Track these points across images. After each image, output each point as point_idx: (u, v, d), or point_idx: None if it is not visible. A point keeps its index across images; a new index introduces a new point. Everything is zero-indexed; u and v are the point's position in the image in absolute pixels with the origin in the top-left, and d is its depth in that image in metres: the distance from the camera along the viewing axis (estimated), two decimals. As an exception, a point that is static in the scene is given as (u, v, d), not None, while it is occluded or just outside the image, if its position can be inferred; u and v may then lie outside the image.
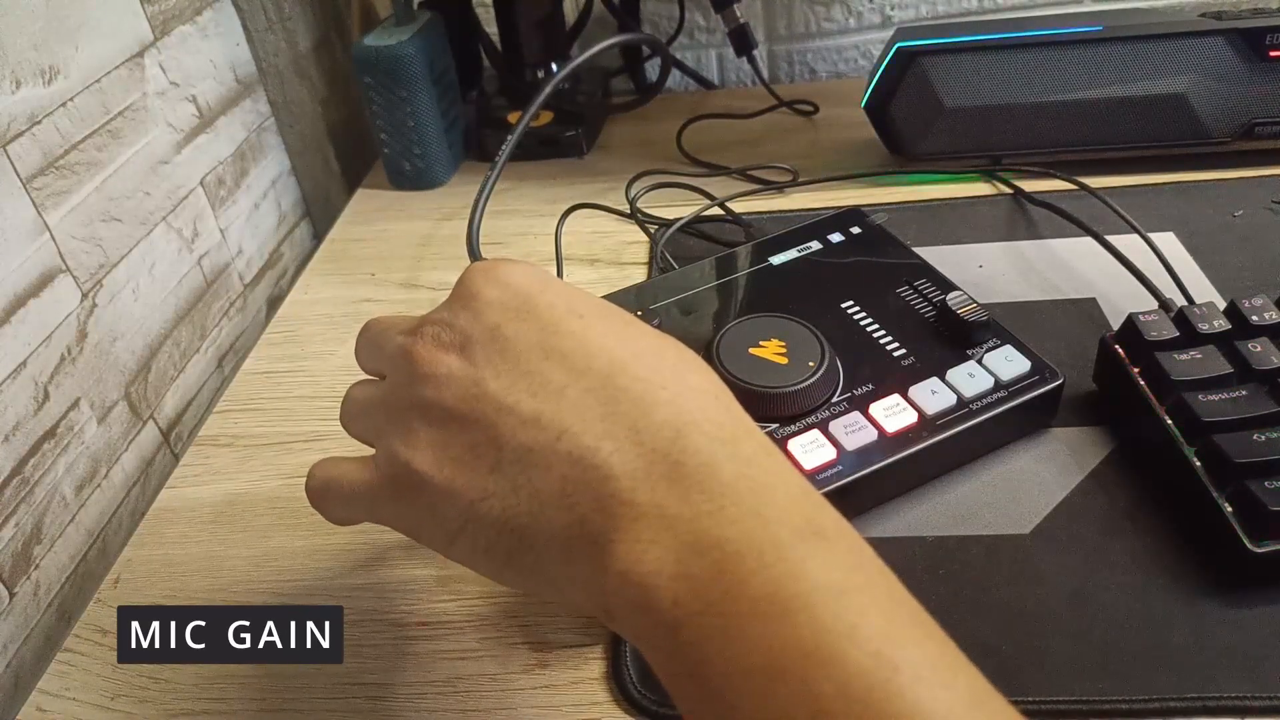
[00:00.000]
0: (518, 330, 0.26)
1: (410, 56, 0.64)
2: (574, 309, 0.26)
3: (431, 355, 0.26)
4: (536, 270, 0.28)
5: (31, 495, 0.44)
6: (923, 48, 0.58)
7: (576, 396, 0.25)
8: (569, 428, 0.24)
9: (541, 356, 0.25)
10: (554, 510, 0.24)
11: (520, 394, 0.25)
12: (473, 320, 0.27)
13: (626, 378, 0.25)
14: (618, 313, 0.27)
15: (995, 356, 0.40)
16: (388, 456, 0.27)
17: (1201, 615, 0.33)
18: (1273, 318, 0.39)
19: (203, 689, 0.35)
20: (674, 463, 0.23)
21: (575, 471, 0.24)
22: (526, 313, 0.26)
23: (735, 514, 0.22)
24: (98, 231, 0.50)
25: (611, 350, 0.25)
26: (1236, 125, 0.57)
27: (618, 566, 0.23)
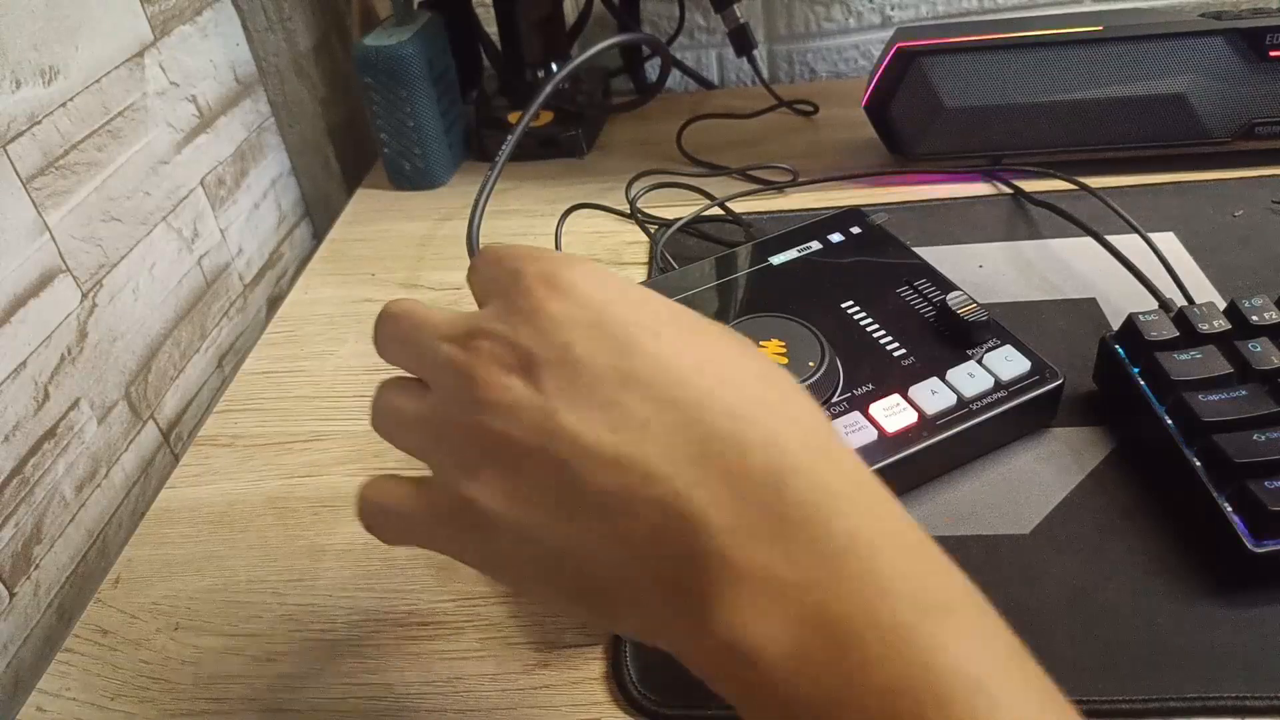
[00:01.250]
0: (590, 352, 0.23)
1: (410, 56, 0.64)
2: (651, 325, 0.24)
3: (493, 377, 0.23)
4: (602, 275, 0.25)
5: (31, 495, 0.44)
6: (923, 48, 0.58)
7: (662, 434, 0.22)
8: (655, 471, 0.22)
9: (619, 384, 0.23)
10: (641, 561, 0.22)
11: (599, 429, 0.22)
12: (537, 337, 0.23)
13: (716, 411, 0.22)
14: (698, 327, 0.24)
15: (995, 356, 0.40)
16: (448, 489, 0.24)
17: (1201, 615, 0.33)
18: (1273, 318, 0.39)
19: (203, 689, 0.35)
20: (778, 517, 0.21)
21: (665, 521, 0.21)
22: (598, 330, 0.23)
23: (853, 585, 0.20)
24: (98, 231, 0.50)
25: (697, 377, 0.23)
26: (1236, 125, 0.57)
27: (720, 633, 0.21)
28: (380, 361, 0.53)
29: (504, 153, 0.58)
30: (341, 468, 0.45)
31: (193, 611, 0.38)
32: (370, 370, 0.51)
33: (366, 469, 0.44)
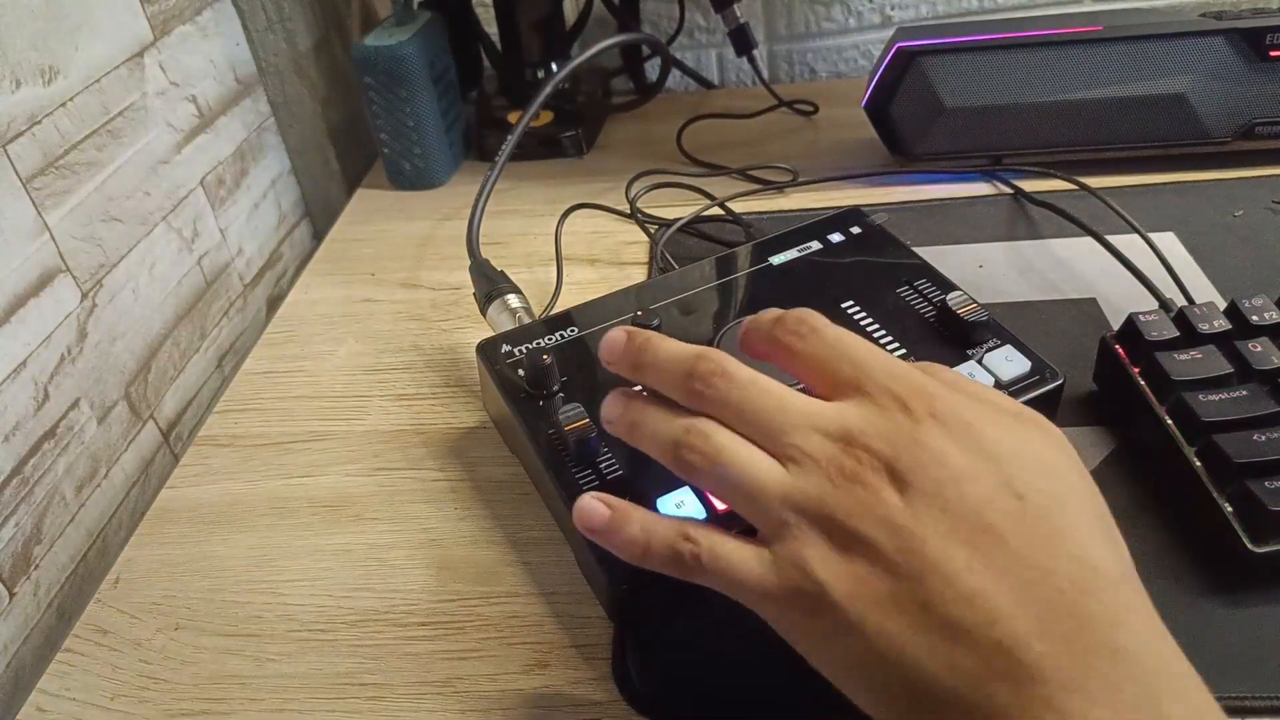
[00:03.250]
0: (961, 494, 0.25)
1: (410, 56, 0.64)
2: (1014, 483, 0.25)
3: (872, 487, 0.26)
4: (993, 432, 0.26)
5: (31, 495, 0.44)
6: (923, 48, 0.58)
7: (1017, 585, 0.24)
8: (1004, 616, 0.23)
9: (981, 528, 0.25)
10: (968, 690, 0.23)
11: (959, 564, 0.24)
12: (917, 466, 0.26)
13: (1066, 582, 0.24)
14: (1057, 491, 0.26)
15: (995, 356, 0.40)
16: (797, 567, 0.26)
17: (1201, 615, 0.33)
18: (1273, 318, 0.39)
19: (203, 689, 0.35)
20: (1103, 675, 0.23)
21: (1001, 662, 0.23)
22: (968, 477, 0.25)
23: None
24: (98, 231, 0.50)
25: (1053, 544, 0.24)
26: (1236, 125, 0.57)
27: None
28: (381, 361, 0.53)
29: (504, 153, 0.58)
30: (341, 468, 0.45)
31: (193, 611, 0.38)
32: (370, 370, 0.51)
33: (366, 469, 0.44)
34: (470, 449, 0.45)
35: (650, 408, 0.31)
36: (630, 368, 0.32)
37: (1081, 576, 0.24)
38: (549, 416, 0.39)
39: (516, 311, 0.47)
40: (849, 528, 0.25)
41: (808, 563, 0.26)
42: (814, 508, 0.26)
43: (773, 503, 0.27)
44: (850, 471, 0.26)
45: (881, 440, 0.26)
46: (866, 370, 0.28)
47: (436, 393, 0.49)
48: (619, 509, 0.30)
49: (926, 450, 0.26)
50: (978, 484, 0.25)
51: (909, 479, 0.25)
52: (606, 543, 0.30)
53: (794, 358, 0.30)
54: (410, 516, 0.42)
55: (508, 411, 0.41)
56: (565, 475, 0.37)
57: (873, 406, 0.27)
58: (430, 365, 0.51)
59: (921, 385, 0.27)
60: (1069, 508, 0.25)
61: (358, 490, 0.43)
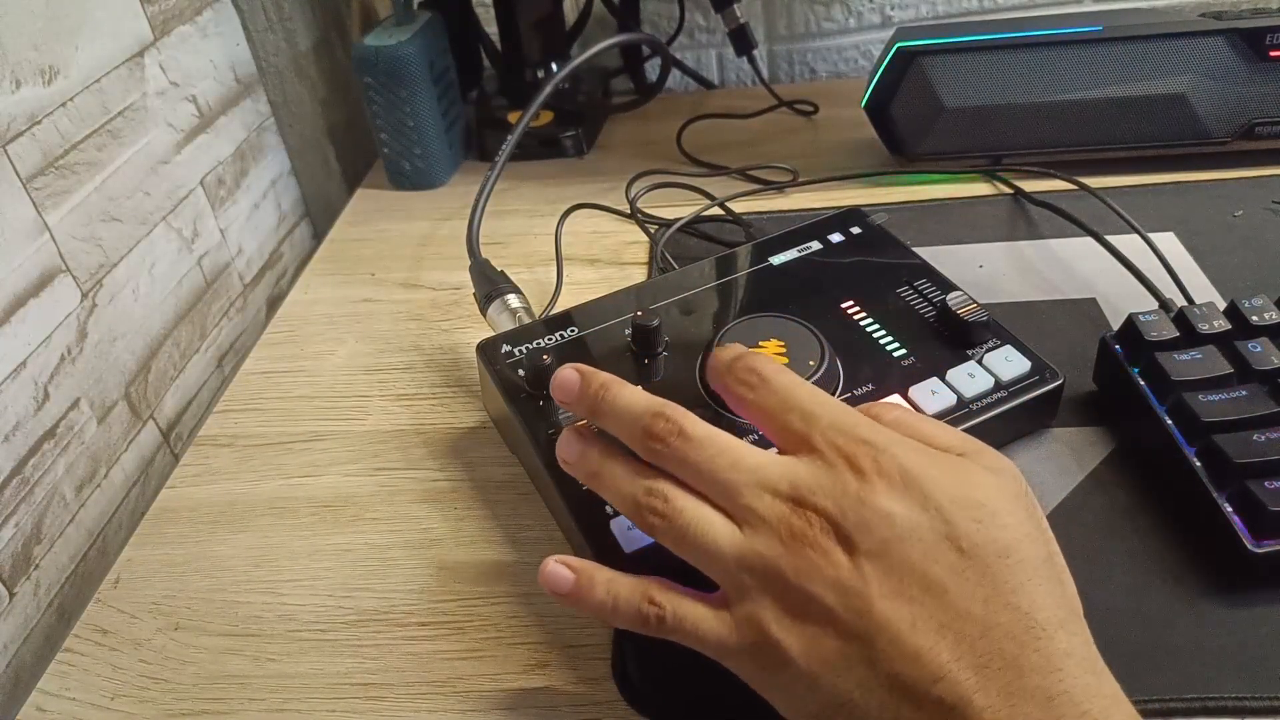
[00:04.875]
0: (905, 552, 0.26)
1: (410, 56, 0.64)
2: (957, 537, 0.26)
3: (821, 549, 0.27)
4: (938, 480, 0.27)
5: (31, 495, 0.44)
6: (923, 48, 0.58)
7: (955, 641, 0.25)
8: (946, 672, 0.25)
9: (925, 586, 0.26)
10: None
11: (904, 623, 0.25)
12: (863, 526, 0.26)
13: (1003, 634, 0.25)
14: (999, 538, 0.26)
15: (995, 356, 0.40)
16: (757, 627, 0.27)
17: (1201, 615, 0.33)
18: (1273, 318, 0.39)
19: (203, 689, 0.35)
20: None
21: (944, 717, 0.24)
22: (912, 535, 0.26)
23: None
24: (98, 231, 0.50)
25: (988, 597, 0.25)
26: (1236, 125, 0.57)
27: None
28: (381, 361, 0.53)
29: (504, 153, 0.58)
30: (341, 468, 0.45)
31: (193, 611, 0.38)
32: (370, 370, 0.51)
33: (366, 469, 0.44)
34: (470, 449, 0.45)
35: (609, 461, 0.32)
36: (588, 412, 0.33)
37: (1020, 627, 0.25)
38: (549, 416, 0.39)
39: (516, 311, 0.47)
40: (801, 589, 0.26)
41: (764, 622, 0.27)
42: (767, 569, 0.27)
43: (729, 564, 0.28)
44: (800, 532, 0.27)
45: (829, 500, 0.27)
46: (814, 423, 0.29)
47: (436, 393, 0.49)
48: (582, 572, 0.31)
49: (872, 509, 0.27)
50: (921, 541, 0.26)
51: (855, 539, 0.26)
52: (573, 605, 0.31)
53: (744, 406, 0.31)
54: (410, 516, 0.42)
55: (508, 411, 0.41)
56: (565, 475, 0.37)
57: (821, 463, 0.28)
58: (430, 365, 0.51)
59: (867, 438, 0.28)
60: (1011, 555, 0.26)
61: (358, 490, 0.43)
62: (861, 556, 0.26)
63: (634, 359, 0.42)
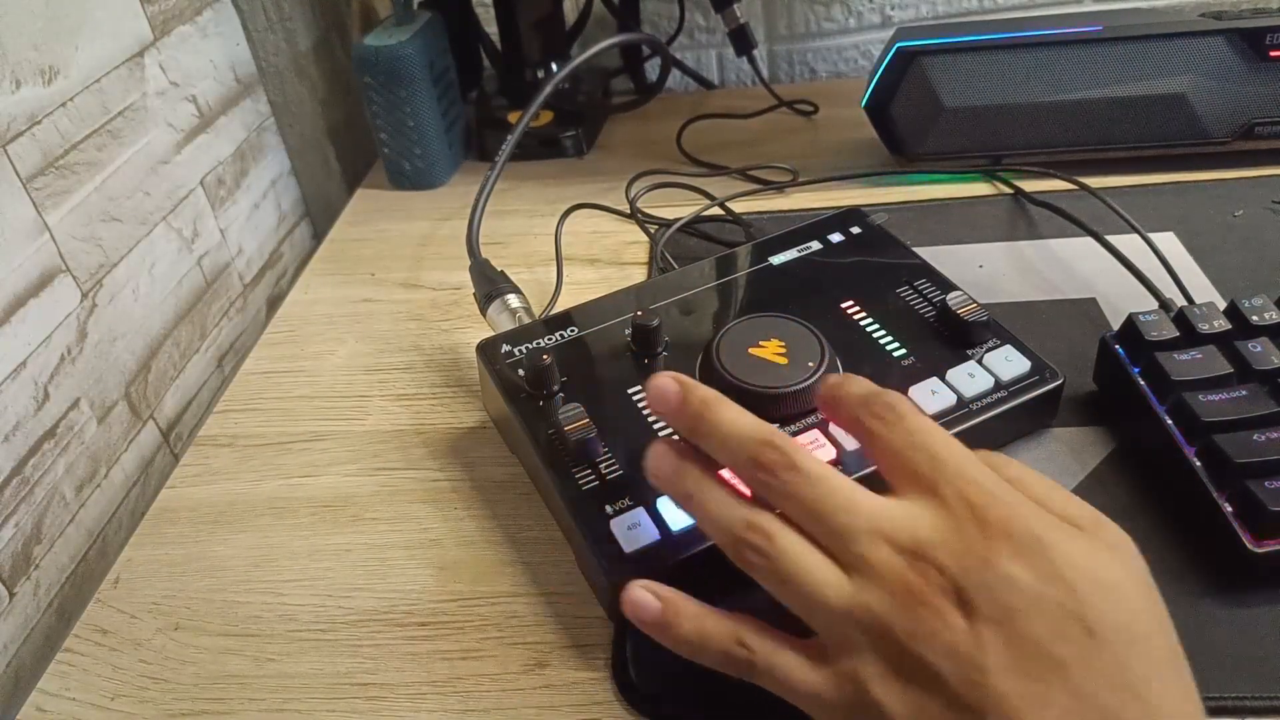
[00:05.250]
0: (1028, 624, 0.24)
1: (410, 56, 0.64)
2: (1084, 616, 0.24)
3: (938, 612, 0.25)
4: (1067, 551, 0.26)
5: (31, 495, 0.44)
6: (923, 48, 0.58)
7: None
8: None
9: (1048, 663, 0.24)
10: None
11: (1021, 700, 0.24)
12: (985, 589, 0.25)
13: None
14: (1128, 623, 0.25)
15: (995, 356, 0.40)
16: (854, 683, 0.26)
17: (1201, 615, 0.33)
18: (1273, 318, 0.39)
19: (203, 689, 0.35)
20: None
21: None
22: (1038, 606, 0.24)
23: None
24: (98, 231, 0.50)
25: (1116, 684, 0.24)
26: (1236, 125, 0.57)
27: None
28: (381, 361, 0.53)
29: (504, 153, 0.58)
30: (341, 468, 0.45)
31: (193, 611, 0.38)
32: (370, 370, 0.51)
33: (366, 469, 0.44)
34: (470, 449, 0.45)
35: (706, 485, 0.30)
36: (685, 428, 0.31)
37: (1143, 718, 0.23)
38: (549, 416, 0.39)
39: (516, 311, 0.47)
40: (912, 651, 0.25)
41: (865, 681, 0.25)
42: (876, 625, 0.26)
43: (834, 616, 0.26)
44: (916, 590, 0.25)
45: (950, 557, 0.26)
46: (942, 469, 0.27)
47: (436, 393, 0.49)
48: (669, 603, 0.30)
49: (996, 573, 0.25)
50: (1046, 614, 0.24)
51: (976, 603, 0.25)
52: (655, 636, 0.30)
53: (873, 441, 0.29)
54: (410, 516, 0.42)
55: (508, 411, 0.41)
56: (565, 475, 0.37)
57: (945, 515, 0.27)
58: (430, 365, 0.51)
59: (996, 495, 0.27)
60: (1140, 643, 0.25)
61: (358, 490, 0.43)
62: (981, 623, 0.24)
63: (634, 359, 0.42)
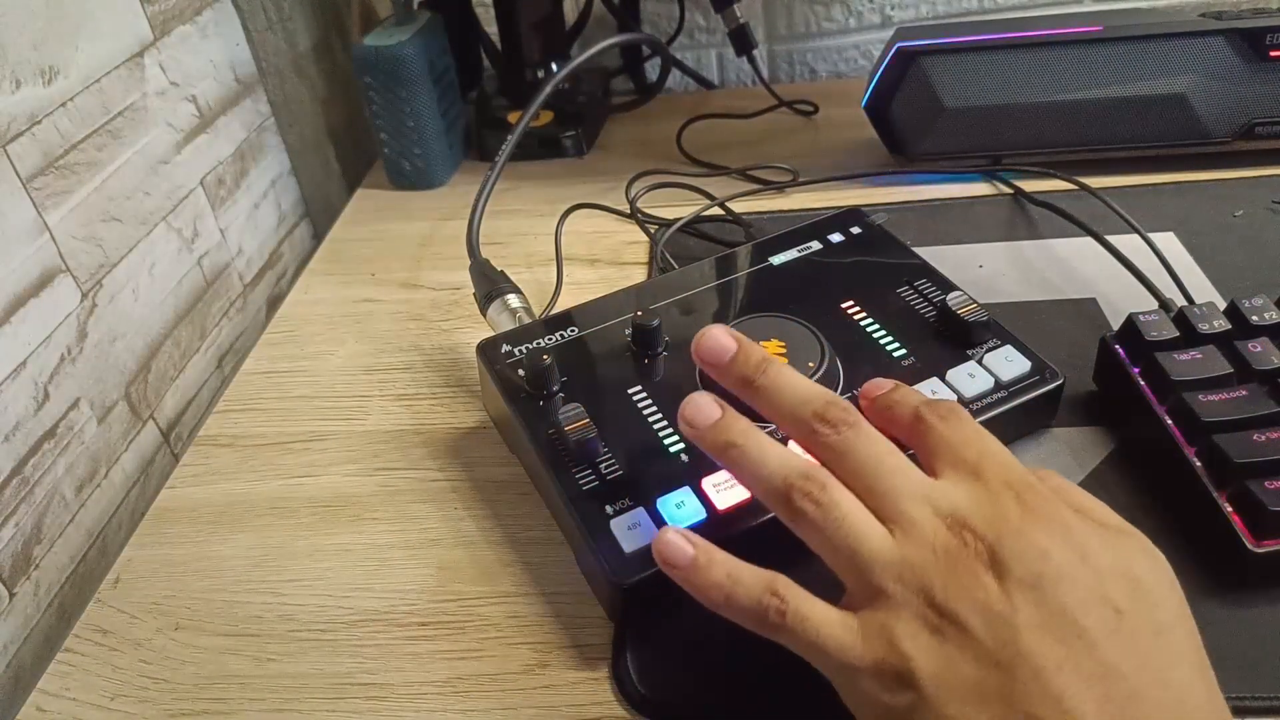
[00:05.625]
0: (1058, 591, 0.25)
1: (410, 56, 0.64)
2: (1113, 599, 0.25)
3: (975, 572, 0.26)
4: (1097, 545, 0.26)
5: (31, 495, 0.44)
6: (923, 48, 0.58)
7: (1102, 696, 0.23)
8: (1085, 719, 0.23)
9: (1076, 631, 0.24)
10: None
11: (1050, 660, 0.24)
12: (1018, 555, 0.26)
13: (1153, 704, 0.24)
14: (1156, 616, 0.26)
15: (995, 356, 0.40)
16: (884, 637, 0.26)
17: (1201, 615, 0.32)
18: (1273, 318, 0.39)
19: (203, 689, 0.35)
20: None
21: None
22: (1068, 577, 0.25)
23: None
24: (97, 231, 0.50)
25: (1142, 664, 0.24)
26: (1236, 125, 0.57)
27: None
28: (381, 361, 0.53)
29: (504, 153, 0.58)
30: (341, 468, 0.45)
31: (193, 611, 0.38)
32: (370, 370, 0.51)
33: (366, 469, 0.44)
34: (470, 449, 0.45)
35: (754, 434, 0.30)
36: (738, 382, 0.31)
37: (1172, 705, 0.24)
38: (549, 416, 0.39)
39: (516, 311, 0.47)
40: (946, 607, 0.25)
41: (897, 636, 0.26)
42: (915, 579, 0.26)
43: (874, 569, 0.27)
44: (954, 551, 0.26)
45: (987, 525, 0.26)
46: (987, 459, 0.28)
47: (436, 393, 0.49)
48: (702, 549, 0.30)
49: (1029, 542, 0.26)
50: (1076, 586, 0.25)
51: (1009, 566, 0.25)
52: (685, 582, 0.30)
53: (929, 435, 0.30)
54: (410, 516, 0.42)
55: (508, 411, 0.41)
56: (565, 475, 0.37)
57: (986, 493, 0.27)
58: (430, 365, 0.51)
59: (1035, 486, 0.28)
60: (1165, 634, 0.25)
61: (358, 490, 0.43)
62: (1013, 585, 0.25)
63: (634, 359, 0.42)
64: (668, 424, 0.38)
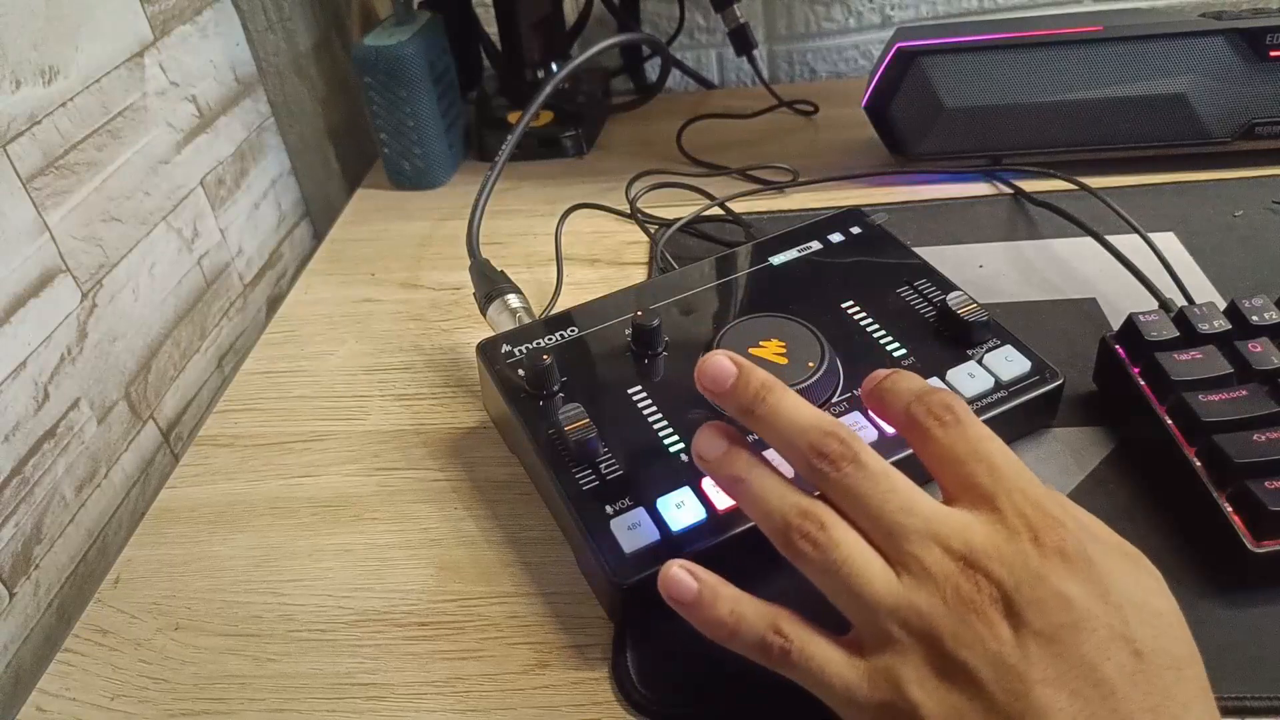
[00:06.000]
0: (1076, 641, 0.24)
1: (410, 56, 0.64)
2: (1133, 639, 0.24)
3: (988, 619, 0.25)
4: (1117, 576, 0.26)
5: (31, 495, 0.44)
6: (923, 48, 0.58)
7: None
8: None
9: (1093, 681, 0.24)
10: None
11: (1062, 714, 0.23)
12: (1036, 603, 0.25)
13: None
14: (1171, 651, 0.25)
15: (995, 356, 0.40)
16: (890, 681, 0.25)
17: (1201, 615, 0.33)
18: (1273, 318, 0.39)
19: (203, 689, 0.35)
20: None
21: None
22: (1088, 624, 0.24)
23: None
24: (98, 231, 0.50)
25: (1158, 706, 0.24)
26: (1236, 125, 0.57)
27: None
28: (381, 361, 0.53)
29: (504, 153, 0.58)
30: (341, 468, 0.45)
31: (193, 611, 0.38)
32: (370, 370, 0.51)
33: (366, 469, 0.44)
34: (470, 449, 0.45)
35: (759, 469, 0.30)
36: (739, 410, 0.31)
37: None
38: (549, 416, 0.39)
39: (516, 311, 0.47)
40: (956, 656, 0.25)
41: (903, 681, 0.25)
42: (922, 626, 0.25)
43: (880, 611, 0.26)
44: (967, 597, 0.25)
45: (1003, 567, 0.25)
46: (1002, 483, 0.27)
47: (436, 393, 0.49)
48: (707, 584, 0.29)
49: (1049, 588, 0.25)
50: (1096, 633, 0.24)
51: (1026, 615, 0.25)
52: (689, 617, 0.30)
53: (928, 443, 0.29)
54: (410, 516, 0.42)
55: (508, 411, 0.41)
56: (565, 475, 0.37)
57: (1001, 527, 0.26)
58: (430, 365, 0.51)
59: (1053, 512, 0.26)
60: (1183, 670, 0.25)
61: (358, 490, 0.43)
62: (1029, 635, 0.24)
63: (634, 359, 0.42)
64: (668, 424, 0.38)
